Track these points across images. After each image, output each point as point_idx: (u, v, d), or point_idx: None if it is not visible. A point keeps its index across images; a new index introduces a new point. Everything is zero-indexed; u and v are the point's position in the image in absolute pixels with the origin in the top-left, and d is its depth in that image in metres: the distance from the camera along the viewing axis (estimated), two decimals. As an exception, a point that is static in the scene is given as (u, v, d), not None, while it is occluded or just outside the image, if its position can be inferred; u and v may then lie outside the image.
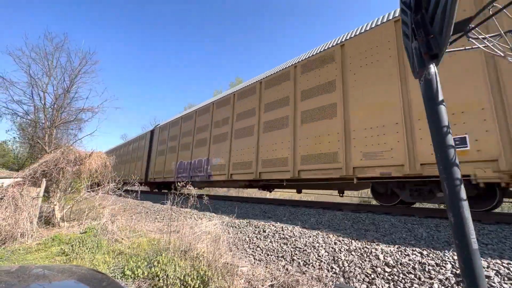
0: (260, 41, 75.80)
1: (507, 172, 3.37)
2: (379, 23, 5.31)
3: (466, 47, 1.12)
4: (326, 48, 6.22)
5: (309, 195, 17.43)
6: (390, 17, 5.15)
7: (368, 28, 5.48)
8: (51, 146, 13.30)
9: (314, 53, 6.50)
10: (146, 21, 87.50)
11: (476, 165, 3.62)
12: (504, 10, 0.91)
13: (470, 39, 1.05)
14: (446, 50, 1.01)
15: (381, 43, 5.06)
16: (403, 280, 2.40)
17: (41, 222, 5.41)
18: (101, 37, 73.63)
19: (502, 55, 1.06)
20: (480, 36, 1.04)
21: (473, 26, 0.99)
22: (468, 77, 3.89)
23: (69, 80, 16.22)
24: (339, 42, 5.93)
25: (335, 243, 3.37)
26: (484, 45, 1.05)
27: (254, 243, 3.89)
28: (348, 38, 5.77)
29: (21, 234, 4.37)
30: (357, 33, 5.63)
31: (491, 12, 0.98)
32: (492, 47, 1.06)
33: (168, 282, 2.49)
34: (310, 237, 3.70)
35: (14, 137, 20.13)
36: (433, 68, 1.04)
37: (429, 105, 1.03)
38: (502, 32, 0.99)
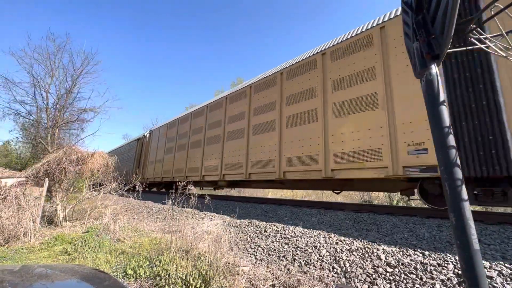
0: (262, 41, 75.81)
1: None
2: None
3: (468, 47, 1.11)
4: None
5: (310, 195, 17.43)
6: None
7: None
8: (53, 146, 13.37)
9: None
10: (148, 21, 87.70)
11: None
12: (505, 10, 0.91)
13: (472, 39, 1.05)
14: (448, 50, 1.01)
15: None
16: (404, 281, 2.40)
17: (43, 221, 5.44)
18: (103, 37, 73.85)
19: (504, 55, 1.06)
20: (481, 36, 1.03)
21: (474, 26, 0.99)
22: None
23: (71, 80, 16.36)
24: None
25: (337, 243, 3.37)
26: (485, 45, 1.05)
27: (256, 243, 3.89)
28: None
29: (24, 234, 4.40)
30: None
31: (492, 13, 0.98)
32: (494, 47, 1.06)
33: (170, 282, 2.50)
34: (312, 237, 3.70)
35: (17, 137, 20.30)
36: (434, 69, 1.03)
37: (430, 105, 1.03)
38: (504, 32, 0.98)
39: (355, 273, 2.65)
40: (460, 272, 2.34)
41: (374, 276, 2.56)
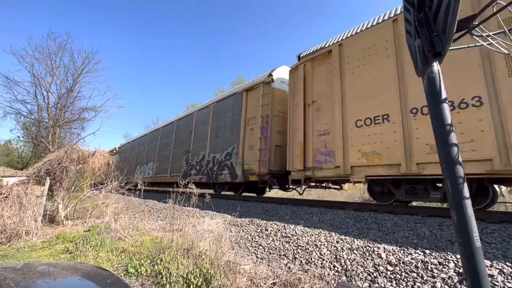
0: (262, 40, 75.68)
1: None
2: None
3: (470, 45, 1.11)
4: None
5: (311, 194, 17.42)
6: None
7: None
8: (54, 145, 13.41)
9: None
10: (148, 20, 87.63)
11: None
12: (508, 7, 0.91)
13: (474, 36, 1.05)
14: (450, 48, 1.00)
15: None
16: (405, 279, 2.40)
17: (45, 220, 5.46)
18: (103, 36, 73.87)
19: (506, 52, 1.05)
20: (484, 34, 1.03)
21: (476, 23, 0.98)
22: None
23: (72, 79, 16.41)
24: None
25: (337, 242, 3.37)
26: (488, 42, 1.05)
27: (256, 241, 3.90)
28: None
29: (26, 232, 4.42)
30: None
31: (494, 10, 0.97)
32: (496, 45, 1.05)
33: (171, 280, 2.51)
34: (312, 235, 3.71)
35: (18, 136, 20.33)
36: (436, 66, 1.03)
37: (432, 103, 1.03)
38: (506, 29, 0.98)
39: (356, 272, 2.66)
40: (461, 271, 2.34)
41: (375, 274, 2.56)
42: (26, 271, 1.31)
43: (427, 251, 2.78)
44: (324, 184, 6.61)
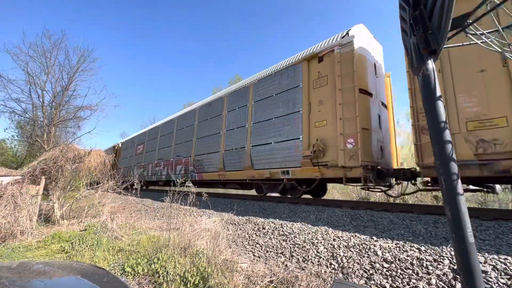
0: (260, 39, 75.51)
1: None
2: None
3: (464, 43, 1.12)
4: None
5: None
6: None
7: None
8: (50, 144, 13.27)
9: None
10: (145, 18, 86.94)
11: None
12: (501, 5, 0.92)
13: (468, 34, 1.06)
14: (444, 46, 1.01)
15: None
16: (401, 276, 2.42)
17: (40, 220, 5.41)
18: (100, 34, 73.09)
19: (500, 50, 1.07)
20: (478, 32, 1.04)
21: (471, 21, 0.99)
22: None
23: (67, 78, 16.20)
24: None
25: (334, 240, 3.39)
26: (481, 40, 1.06)
27: (254, 240, 3.91)
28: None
29: (20, 232, 4.38)
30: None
31: (488, 8, 0.98)
32: (490, 43, 1.07)
33: (168, 279, 2.50)
34: (309, 233, 3.72)
35: (12, 135, 20.07)
36: (431, 64, 1.04)
37: (427, 100, 1.03)
38: (500, 27, 0.99)
39: (353, 269, 2.68)
40: (455, 267, 2.37)
41: (371, 271, 2.58)
42: (21, 270, 1.30)
43: (423, 248, 2.81)
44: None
